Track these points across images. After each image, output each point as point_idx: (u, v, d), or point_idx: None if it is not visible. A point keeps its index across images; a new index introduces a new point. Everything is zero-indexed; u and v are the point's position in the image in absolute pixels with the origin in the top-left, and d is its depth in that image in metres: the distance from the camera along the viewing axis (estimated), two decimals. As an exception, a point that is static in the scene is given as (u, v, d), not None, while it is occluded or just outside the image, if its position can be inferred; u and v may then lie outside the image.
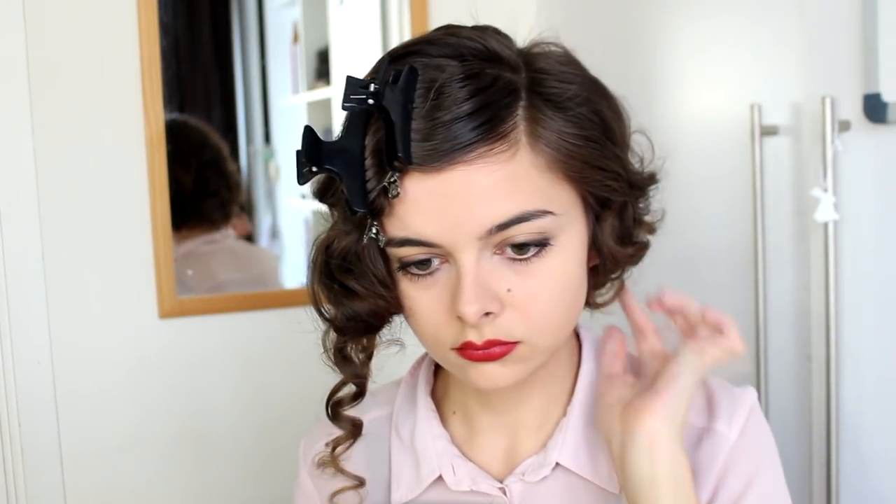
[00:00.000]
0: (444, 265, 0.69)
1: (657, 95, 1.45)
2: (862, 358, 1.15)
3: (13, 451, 1.46)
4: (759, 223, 1.24)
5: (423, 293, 0.70)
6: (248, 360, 1.64)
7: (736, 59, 1.32)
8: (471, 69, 0.67)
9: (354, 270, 0.71)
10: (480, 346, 0.69)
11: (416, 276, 0.70)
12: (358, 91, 0.65)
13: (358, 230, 0.70)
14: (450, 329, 0.70)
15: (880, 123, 1.08)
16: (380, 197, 0.66)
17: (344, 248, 0.72)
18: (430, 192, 0.66)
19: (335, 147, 0.67)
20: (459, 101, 0.65)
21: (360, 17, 1.79)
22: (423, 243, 0.67)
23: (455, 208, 0.66)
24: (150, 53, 1.52)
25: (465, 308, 0.67)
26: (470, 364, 0.71)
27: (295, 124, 1.85)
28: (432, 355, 0.76)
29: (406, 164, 0.65)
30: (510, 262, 0.69)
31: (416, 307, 0.71)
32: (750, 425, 0.78)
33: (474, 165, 0.65)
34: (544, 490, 0.78)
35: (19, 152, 1.45)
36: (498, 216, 0.66)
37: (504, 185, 0.66)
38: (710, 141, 1.37)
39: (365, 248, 0.70)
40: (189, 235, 1.67)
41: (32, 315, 1.47)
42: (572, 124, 0.69)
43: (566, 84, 0.70)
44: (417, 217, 0.67)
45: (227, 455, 1.63)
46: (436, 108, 0.65)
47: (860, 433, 1.15)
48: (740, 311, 1.31)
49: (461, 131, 0.65)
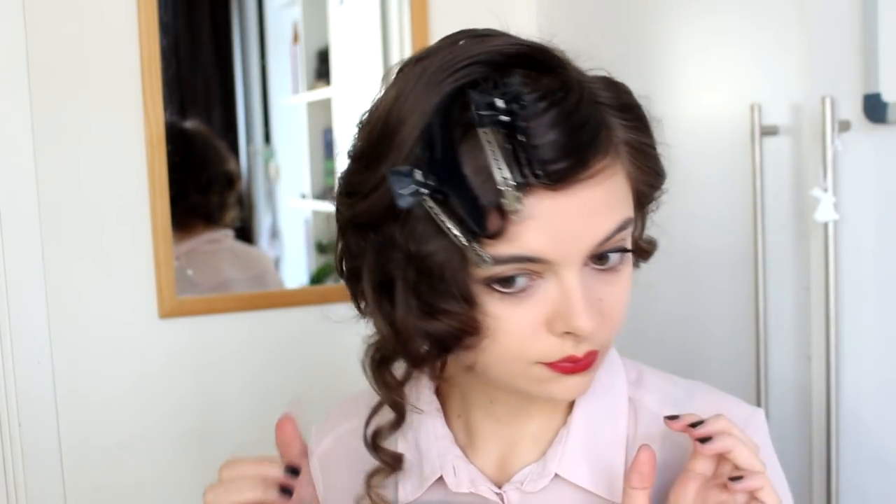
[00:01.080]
0: (538, 281, 0.67)
1: (657, 95, 1.44)
2: (862, 358, 1.15)
3: (13, 451, 1.46)
4: (759, 223, 1.24)
5: (512, 310, 0.67)
6: (249, 360, 1.64)
7: (736, 59, 1.32)
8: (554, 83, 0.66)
9: (440, 289, 0.67)
10: (581, 359, 0.69)
11: (504, 293, 0.67)
12: (486, 108, 0.63)
13: (448, 250, 0.65)
14: (541, 344, 0.68)
15: (880, 123, 1.08)
16: (493, 216, 0.64)
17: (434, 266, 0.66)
18: (553, 210, 0.64)
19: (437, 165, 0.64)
20: (566, 116, 0.64)
21: (360, 17, 1.79)
22: (531, 259, 0.65)
23: (574, 224, 0.65)
24: (150, 53, 1.52)
25: (582, 322, 0.66)
26: (556, 377, 0.70)
27: (295, 124, 1.85)
28: (499, 374, 0.72)
29: (535, 183, 0.63)
30: (596, 273, 0.69)
31: (502, 324, 0.68)
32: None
33: (592, 180, 0.65)
34: (541, 500, 0.77)
35: (19, 152, 1.45)
36: (607, 229, 0.67)
37: (610, 197, 0.67)
38: (709, 141, 1.37)
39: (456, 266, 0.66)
40: (190, 234, 1.68)
41: (32, 315, 1.47)
42: (634, 128, 0.70)
43: (610, 91, 0.70)
44: (536, 234, 0.64)
45: (228, 455, 1.62)
46: (543, 124, 0.63)
47: (860, 433, 1.15)
48: (740, 311, 1.31)
49: (581, 146, 0.64)
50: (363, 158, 0.70)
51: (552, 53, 0.69)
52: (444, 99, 0.65)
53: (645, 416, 0.80)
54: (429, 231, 0.65)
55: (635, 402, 0.81)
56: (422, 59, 0.69)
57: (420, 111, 0.66)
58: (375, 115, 0.70)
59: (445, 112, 0.65)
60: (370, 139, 0.70)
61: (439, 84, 0.66)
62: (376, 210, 0.67)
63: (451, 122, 0.64)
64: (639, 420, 0.80)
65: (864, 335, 1.14)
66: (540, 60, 0.68)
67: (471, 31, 0.70)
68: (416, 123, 0.66)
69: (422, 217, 0.65)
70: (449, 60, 0.67)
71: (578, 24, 1.63)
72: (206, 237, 1.72)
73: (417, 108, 0.66)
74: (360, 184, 0.70)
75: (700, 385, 0.83)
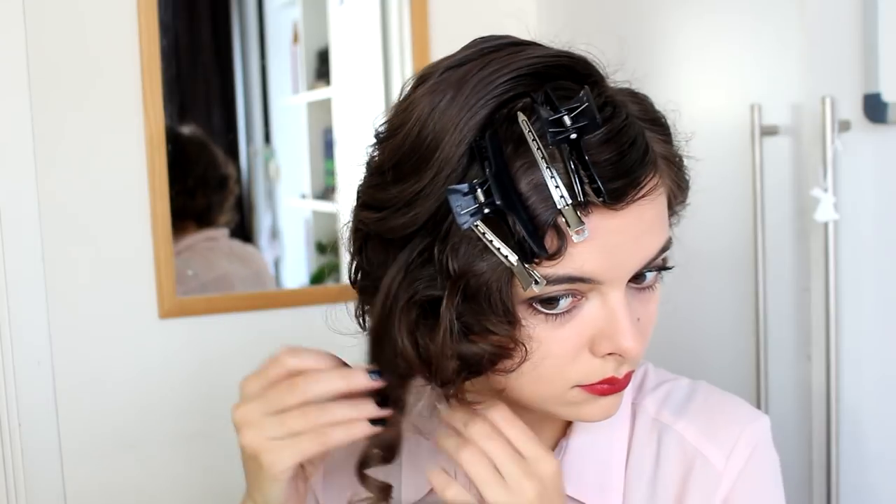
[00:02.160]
0: (582, 302, 0.65)
1: (657, 95, 1.44)
2: (862, 358, 1.15)
3: (13, 451, 1.45)
4: (759, 223, 1.24)
5: (555, 332, 0.65)
6: (249, 360, 1.63)
7: (736, 58, 1.32)
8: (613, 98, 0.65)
9: (482, 310, 0.64)
10: (621, 380, 0.68)
11: (548, 315, 0.65)
12: (552, 124, 0.60)
13: (496, 270, 0.62)
14: (581, 366, 0.67)
15: (880, 123, 1.08)
16: (551, 236, 0.61)
17: (480, 286, 0.63)
18: (610, 229, 0.63)
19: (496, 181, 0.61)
20: (616, 134, 0.62)
21: (360, 17, 1.79)
22: (581, 280, 0.63)
23: (628, 245, 0.64)
24: (150, 53, 1.52)
25: (630, 344, 0.64)
26: (591, 399, 0.68)
27: (295, 124, 1.85)
28: (533, 396, 0.69)
29: (597, 202, 0.61)
30: (635, 292, 0.68)
31: (545, 346, 0.65)
32: (753, 465, 0.75)
33: (645, 199, 0.64)
34: None
35: (19, 152, 1.45)
36: (655, 248, 0.66)
37: (660, 215, 0.66)
38: (709, 141, 1.37)
39: (503, 287, 0.63)
40: (188, 232, 1.68)
41: (32, 315, 1.47)
42: (665, 141, 0.69)
43: (639, 104, 0.69)
44: (592, 255, 0.63)
45: (228, 455, 1.62)
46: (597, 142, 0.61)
47: (860, 433, 1.15)
48: (740, 311, 1.31)
49: (634, 165, 0.62)
50: (390, 171, 0.67)
51: (594, 66, 0.68)
52: (491, 113, 0.63)
53: (643, 419, 0.79)
54: (475, 250, 0.62)
55: (636, 405, 0.80)
56: (452, 68, 0.66)
57: (464, 125, 0.63)
58: (405, 128, 0.66)
59: (493, 127, 0.62)
60: (399, 152, 0.66)
61: (483, 98, 0.63)
62: (411, 226, 0.64)
63: (501, 138, 0.62)
64: (636, 424, 0.79)
65: (864, 335, 1.14)
66: (582, 73, 0.66)
67: (502, 39, 0.67)
68: (461, 139, 0.62)
69: (465, 235, 0.62)
70: (491, 73, 0.64)
71: (578, 24, 1.63)
72: (206, 234, 1.72)
73: (461, 122, 0.63)
74: (390, 199, 0.66)
75: (703, 386, 0.82)
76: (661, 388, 0.81)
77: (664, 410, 0.78)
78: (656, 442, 0.77)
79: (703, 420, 0.77)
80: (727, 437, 0.75)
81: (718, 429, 0.76)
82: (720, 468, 0.74)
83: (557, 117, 0.60)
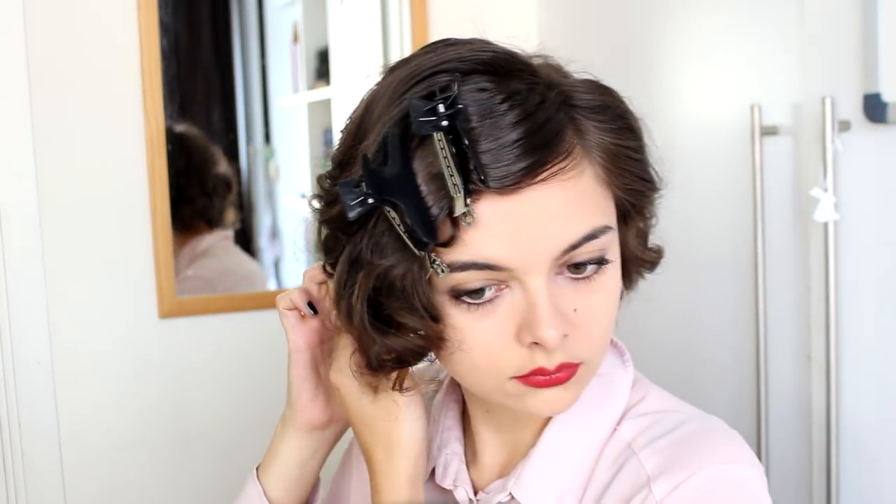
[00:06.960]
0: (504, 291, 0.65)
1: (657, 96, 1.45)
2: (862, 358, 1.15)
3: (13, 451, 1.46)
4: (759, 223, 1.24)
5: (479, 323, 0.66)
6: (249, 359, 1.64)
7: (736, 59, 1.32)
8: (518, 86, 0.64)
9: (400, 303, 0.65)
10: (552, 371, 0.66)
11: (471, 304, 0.65)
12: (427, 113, 0.61)
13: (408, 261, 0.64)
14: (512, 357, 0.66)
15: (880, 123, 1.08)
16: (445, 224, 0.62)
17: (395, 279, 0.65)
18: (506, 215, 0.63)
19: (387, 175, 0.63)
20: (522, 119, 0.62)
21: (360, 17, 1.79)
22: (490, 267, 0.63)
23: (531, 230, 0.63)
24: (150, 53, 1.52)
25: (547, 332, 0.64)
26: (531, 391, 0.68)
27: (295, 124, 1.85)
28: (477, 388, 0.71)
29: (483, 188, 0.62)
30: (571, 282, 0.67)
31: (470, 338, 0.66)
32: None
33: (549, 184, 0.63)
34: None
35: (19, 152, 1.45)
36: (572, 235, 0.65)
37: (576, 202, 0.65)
38: (710, 141, 1.37)
39: (416, 278, 0.64)
40: (202, 233, 1.69)
41: (32, 315, 1.47)
42: (610, 131, 0.67)
43: (592, 93, 0.68)
44: (490, 241, 0.63)
45: (228, 455, 1.63)
46: (498, 127, 0.62)
47: (860, 433, 1.15)
48: (740, 311, 1.31)
49: (533, 150, 0.62)
50: (338, 165, 0.70)
51: (519, 58, 0.67)
52: (406, 108, 0.63)
53: (615, 443, 0.74)
54: (390, 242, 0.64)
55: (616, 428, 0.75)
56: (395, 68, 0.68)
57: (385, 120, 0.65)
58: (350, 123, 0.70)
59: (405, 121, 0.63)
60: (343, 146, 0.70)
61: (403, 93, 0.65)
62: (343, 218, 0.66)
63: (409, 132, 0.63)
64: (607, 447, 0.75)
65: (863, 335, 1.14)
66: (505, 66, 0.66)
67: (446, 40, 0.69)
68: (380, 132, 0.65)
69: (386, 229, 0.64)
70: (415, 69, 0.66)
71: (578, 24, 1.63)
72: (220, 235, 1.73)
73: (383, 118, 0.65)
74: (331, 190, 0.69)
75: (700, 423, 0.74)
76: (649, 416, 0.75)
77: (640, 437, 0.73)
78: (618, 467, 0.73)
79: (669, 452, 0.71)
80: (682, 472, 0.68)
81: (679, 462, 0.69)
82: (657, 499, 0.68)
83: (433, 107, 0.61)
